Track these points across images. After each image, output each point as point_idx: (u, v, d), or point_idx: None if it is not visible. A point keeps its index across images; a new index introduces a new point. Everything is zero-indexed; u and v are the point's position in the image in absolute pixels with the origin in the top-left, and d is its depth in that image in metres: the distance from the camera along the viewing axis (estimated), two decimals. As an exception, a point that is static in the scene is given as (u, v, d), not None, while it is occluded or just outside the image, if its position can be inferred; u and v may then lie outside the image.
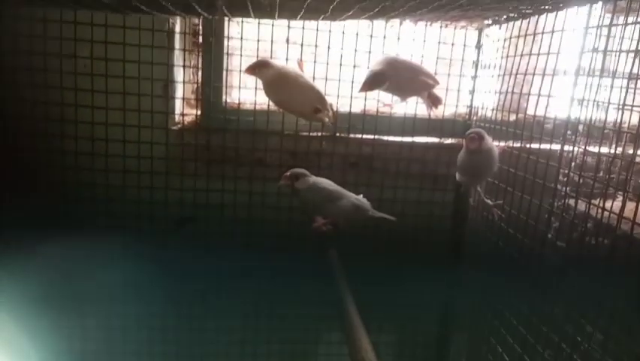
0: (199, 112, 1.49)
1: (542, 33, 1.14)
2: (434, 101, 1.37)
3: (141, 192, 1.44)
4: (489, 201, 1.27)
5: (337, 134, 1.49)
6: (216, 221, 1.49)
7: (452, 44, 1.48)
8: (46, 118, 1.35)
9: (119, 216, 1.44)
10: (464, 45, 1.50)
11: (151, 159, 1.42)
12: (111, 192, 1.42)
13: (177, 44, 1.42)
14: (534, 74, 1.16)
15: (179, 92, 1.46)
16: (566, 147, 1.07)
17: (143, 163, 1.42)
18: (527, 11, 1.14)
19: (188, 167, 1.45)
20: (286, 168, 1.43)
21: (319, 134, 1.48)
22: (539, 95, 1.14)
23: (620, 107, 0.95)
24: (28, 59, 1.30)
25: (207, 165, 1.46)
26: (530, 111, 1.18)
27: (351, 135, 1.50)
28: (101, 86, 1.34)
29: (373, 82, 1.24)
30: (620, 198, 0.98)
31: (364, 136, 1.50)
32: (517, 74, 1.23)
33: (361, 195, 1.25)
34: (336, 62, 1.44)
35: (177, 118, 1.47)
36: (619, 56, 0.98)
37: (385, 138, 1.51)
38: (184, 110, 1.48)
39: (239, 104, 1.47)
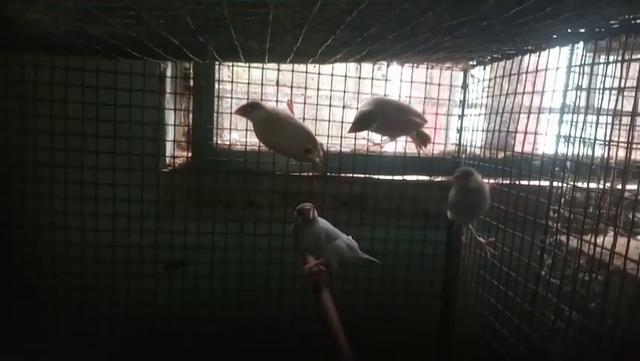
0: (190, 154, 1.50)
1: (526, 72, 1.17)
2: (423, 139, 1.39)
3: (131, 235, 1.43)
4: (481, 239, 1.27)
5: (328, 174, 1.49)
6: (207, 264, 1.47)
7: (439, 85, 1.51)
8: (35, 163, 1.34)
9: (109, 260, 1.42)
10: (450, 85, 1.53)
11: (141, 202, 1.41)
12: (100, 236, 1.41)
13: (168, 88, 1.43)
14: (520, 112, 1.18)
15: (169, 134, 1.46)
16: (555, 183, 1.08)
17: (133, 206, 1.41)
18: (510, 52, 1.18)
19: (178, 209, 1.44)
20: (278, 209, 1.43)
21: (310, 174, 1.49)
22: (526, 133, 1.15)
23: (606, 143, 0.97)
24: (20, 103, 1.31)
25: (198, 207, 1.45)
26: (518, 148, 1.20)
27: (342, 175, 1.50)
28: (91, 129, 1.35)
29: (362, 122, 1.26)
30: (611, 233, 0.98)
31: (355, 175, 1.50)
32: (503, 112, 1.25)
33: (350, 237, 1.25)
34: (326, 103, 1.46)
35: (168, 160, 1.47)
36: (602, 93, 1.00)
37: (376, 176, 1.52)
38: (175, 152, 1.49)
39: (230, 145, 1.48)
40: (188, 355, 1.52)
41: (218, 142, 1.50)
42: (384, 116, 1.27)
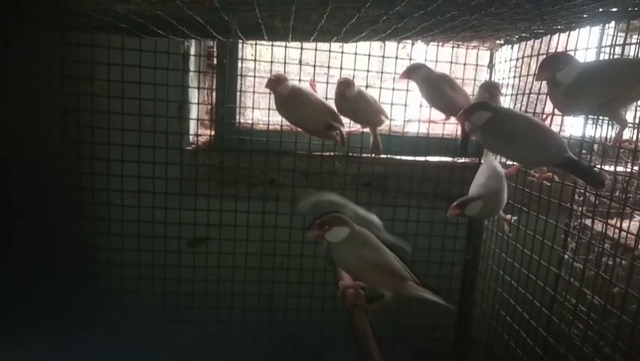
0: (213, 133, 1.51)
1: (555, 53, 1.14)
2: None
3: (156, 212, 1.45)
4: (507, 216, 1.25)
5: (350, 154, 1.49)
6: (229, 241, 1.50)
7: (464, 64, 1.48)
8: (63, 140, 1.37)
9: (134, 235, 1.45)
10: (476, 65, 1.50)
11: (165, 180, 1.43)
12: (126, 212, 1.44)
13: (192, 66, 1.44)
14: (547, 94, 1.16)
15: (193, 113, 1.48)
16: (582, 166, 1.06)
17: (158, 184, 1.44)
18: (539, 31, 1.15)
19: (201, 187, 1.46)
20: (299, 188, 1.43)
21: (332, 153, 1.49)
22: (553, 115, 1.13)
23: (636, 125, 0.95)
24: (46, 81, 1.33)
25: (221, 186, 1.47)
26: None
27: (364, 155, 1.50)
28: (117, 107, 1.36)
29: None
30: (637, 217, 0.97)
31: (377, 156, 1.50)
32: (530, 93, 1.23)
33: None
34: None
35: (191, 139, 1.49)
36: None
37: (398, 157, 1.51)
38: (198, 130, 1.50)
39: (252, 124, 1.48)
40: (210, 329, 1.56)
41: (241, 121, 1.51)
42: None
